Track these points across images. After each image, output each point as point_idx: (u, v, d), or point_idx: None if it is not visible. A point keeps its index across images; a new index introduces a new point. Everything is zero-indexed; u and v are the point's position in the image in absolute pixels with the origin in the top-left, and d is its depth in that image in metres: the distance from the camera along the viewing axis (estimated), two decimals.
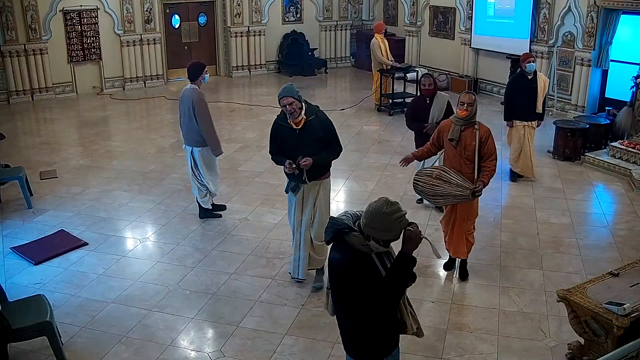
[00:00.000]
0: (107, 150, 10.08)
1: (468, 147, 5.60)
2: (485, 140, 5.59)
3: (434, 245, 3.46)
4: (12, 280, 6.01)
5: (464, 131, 5.62)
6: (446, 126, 5.78)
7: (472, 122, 5.63)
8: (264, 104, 12.92)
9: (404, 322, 3.45)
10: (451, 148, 5.70)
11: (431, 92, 7.20)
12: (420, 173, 5.75)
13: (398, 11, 16.32)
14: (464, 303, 5.64)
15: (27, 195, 7.77)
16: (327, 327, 5.25)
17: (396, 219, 3.12)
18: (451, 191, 5.44)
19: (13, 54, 12.86)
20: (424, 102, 7.27)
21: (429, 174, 5.60)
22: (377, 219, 3.11)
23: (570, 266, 6.29)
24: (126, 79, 14.39)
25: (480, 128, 5.62)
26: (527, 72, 8.17)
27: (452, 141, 5.65)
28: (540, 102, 8.20)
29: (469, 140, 5.60)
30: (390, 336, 3.43)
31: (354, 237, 3.15)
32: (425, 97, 7.27)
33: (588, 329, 4.50)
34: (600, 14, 10.77)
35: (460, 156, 5.65)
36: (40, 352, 4.90)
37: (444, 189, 5.47)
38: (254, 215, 7.50)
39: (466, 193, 5.40)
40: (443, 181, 5.47)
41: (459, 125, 5.64)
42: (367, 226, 3.13)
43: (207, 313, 5.50)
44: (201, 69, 6.92)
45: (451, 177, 5.48)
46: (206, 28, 15.61)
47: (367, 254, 3.19)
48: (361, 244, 3.15)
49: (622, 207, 7.91)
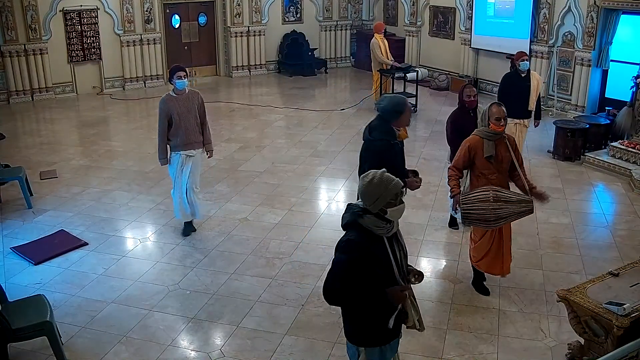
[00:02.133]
0: (107, 150, 10.08)
1: (504, 160, 5.36)
2: (515, 148, 5.44)
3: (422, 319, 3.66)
4: (12, 280, 6.00)
5: (498, 145, 5.35)
6: (477, 143, 5.35)
7: (502, 134, 5.38)
8: (264, 104, 12.93)
9: (406, 312, 3.52)
10: (487, 165, 5.35)
11: (476, 104, 6.52)
12: (469, 201, 5.20)
13: (398, 11, 16.32)
14: (464, 303, 5.64)
15: (27, 195, 7.77)
16: (327, 327, 5.25)
17: (379, 179, 3.31)
18: (514, 210, 5.13)
19: (13, 54, 12.86)
20: (468, 115, 6.47)
21: (482, 199, 5.12)
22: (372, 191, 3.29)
23: (570, 266, 6.29)
24: (126, 79, 14.39)
25: (508, 137, 5.45)
26: (520, 70, 8.19)
27: (490, 158, 5.31)
28: (532, 101, 8.21)
29: (503, 152, 5.35)
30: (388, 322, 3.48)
31: (368, 219, 3.32)
32: (469, 110, 6.50)
33: (588, 329, 4.50)
34: (600, 14, 10.77)
35: (497, 171, 5.36)
36: (40, 352, 4.90)
37: (507, 210, 5.11)
38: (254, 215, 7.50)
39: (530, 206, 5.16)
40: (504, 202, 5.10)
41: (492, 140, 5.32)
42: (372, 203, 3.30)
43: (207, 313, 5.49)
44: (172, 72, 6.53)
45: (509, 195, 5.17)
46: (206, 28, 15.61)
47: (380, 236, 3.34)
48: (375, 226, 3.32)
49: (622, 207, 7.91)
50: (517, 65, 8.18)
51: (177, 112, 6.54)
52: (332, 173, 9.01)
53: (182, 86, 6.54)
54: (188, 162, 6.74)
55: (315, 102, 13.64)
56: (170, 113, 6.54)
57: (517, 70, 8.24)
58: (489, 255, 5.58)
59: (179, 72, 6.50)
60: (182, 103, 6.58)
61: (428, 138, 10.67)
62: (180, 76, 6.49)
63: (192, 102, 6.65)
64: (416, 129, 11.33)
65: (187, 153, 6.69)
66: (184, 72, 6.55)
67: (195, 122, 6.70)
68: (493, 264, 5.60)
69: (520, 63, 8.14)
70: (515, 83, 8.19)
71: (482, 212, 5.12)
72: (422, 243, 6.70)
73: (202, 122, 6.79)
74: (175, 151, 6.68)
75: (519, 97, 8.11)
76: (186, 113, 6.59)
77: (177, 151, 6.67)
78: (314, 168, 9.14)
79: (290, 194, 8.16)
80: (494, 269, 5.66)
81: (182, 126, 6.57)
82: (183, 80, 6.51)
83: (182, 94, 6.59)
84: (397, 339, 3.61)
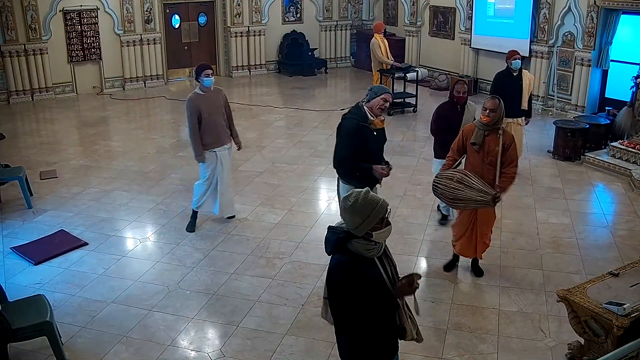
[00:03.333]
0: (107, 150, 10.08)
1: (491, 153, 5.51)
2: (508, 147, 5.51)
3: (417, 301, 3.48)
4: (12, 280, 6.00)
5: (488, 136, 5.52)
6: (470, 130, 5.66)
7: (497, 127, 5.52)
8: (264, 104, 12.93)
9: (404, 327, 3.42)
10: (474, 153, 5.60)
11: (465, 100, 6.80)
12: (440, 176, 5.57)
13: (398, 11, 16.32)
14: (464, 303, 5.64)
15: (27, 195, 7.77)
16: (327, 327, 5.22)
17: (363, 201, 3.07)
18: (472, 196, 5.32)
19: (13, 54, 12.86)
20: (455, 109, 6.77)
21: (450, 177, 5.45)
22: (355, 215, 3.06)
23: (570, 266, 6.29)
24: (126, 79, 14.39)
25: (504, 134, 5.53)
26: (512, 69, 8.21)
27: (474, 145, 5.54)
28: (525, 99, 8.23)
29: (492, 145, 5.50)
30: (389, 343, 3.40)
31: (357, 244, 3.11)
32: (457, 105, 6.79)
33: (588, 329, 4.50)
34: (600, 14, 10.77)
35: (482, 161, 5.56)
36: (40, 352, 4.90)
37: (465, 194, 5.33)
38: (254, 215, 7.50)
39: (487, 199, 5.30)
40: (464, 185, 5.34)
41: (482, 130, 5.54)
42: (356, 228, 3.09)
43: (207, 313, 5.50)
44: (199, 70, 6.71)
45: (473, 182, 5.35)
46: (206, 28, 15.61)
47: (370, 258, 3.18)
48: (364, 249, 3.12)
49: (622, 207, 7.91)
50: (510, 64, 8.22)
51: (206, 109, 6.69)
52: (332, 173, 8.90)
53: (209, 84, 6.69)
54: (225, 158, 6.92)
55: (315, 102, 13.64)
56: (199, 111, 6.66)
57: (509, 69, 8.26)
58: (464, 237, 5.86)
59: (207, 70, 6.67)
60: (209, 100, 6.74)
61: (428, 138, 10.59)
62: (208, 74, 6.66)
63: (218, 99, 6.83)
64: (416, 129, 11.34)
65: (220, 149, 6.86)
66: (211, 70, 6.74)
67: (223, 117, 6.87)
68: (466, 247, 5.90)
69: (512, 62, 8.19)
70: (508, 82, 8.23)
71: (443, 188, 5.45)
72: (422, 243, 6.69)
73: (228, 117, 6.97)
74: (209, 149, 6.79)
75: (511, 96, 8.11)
76: (214, 110, 6.76)
77: (210, 149, 6.80)
78: (314, 168, 9.14)
79: (290, 194, 8.16)
80: (467, 252, 5.95)
81: (212, 123, 6.73)
82: (210, 78, 6.68)
83: (208, 92, 6.75)
84: (397, 356, 3.51)
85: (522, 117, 8.35)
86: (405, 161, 9.37)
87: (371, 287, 3.13)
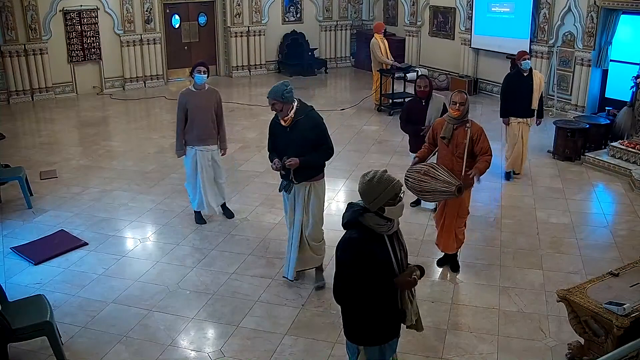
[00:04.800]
0: (107, 150, 10.08)
1: (460, 145, 5.65)
2: (477, 139, 5.63)
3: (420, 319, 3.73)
4: (12, 280, 6.00)
5: (456, 129, 5.68)
6: (439, 124, 5.84)
7: (465, 120, 5.68)
8: (264, 104, 12.83)
9: (404, 311, 3.54)
10: (443, 146, 5.76)
11: (426, 94, 7.16)
12: (411, 169, 5.73)
13: (398, 11, 16.32)
14: (464, 303, 5.64)
15: (27, 195, 7.77)
16: (327, 327, 5.25)
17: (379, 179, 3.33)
18: (437, 187, 5.44)
19: (13, 54, 12.86)
20: (419, 104, 7.23)
21: (418, 170, 5.61)
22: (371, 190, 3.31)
23: (570, 266, 6.29)
24: (126, 79, 14.39)
25: (472, 126, 5.66)
26: (522, 70, 8.22)
27: (444, 139, 5.71)
28: (535, 100, 8.24)
29: (460, 138, 5.64)
30: (390, 323, 3.52)
31: (369, 218, 3.33)
32: (421, 99, 7.23)
33: (588, 329, 4.50)
34: (600, 14, 10.77)
35: (452, 154, 5.71)
36: (40, 352, 4.90)
37: (431, 185, 5.46)
38: (254, 215, 7.50)
39: (451, 189, 5.40)
40: (430, 177, 5.47)
41: (451, 124, 5.70)
42: (371, 202, 3.31)
43: (207, 313, 5.50)
44: (194, 67, 6.82)
45: (438, 173, 5.49)
46: (206, 28, 15.61)
47: (381, 236, 3.36)
48: (376, 224, 3.34)
49: (622, 207, 7.91)
50: (519, 64, 8.22)
51: (194, 106, 6.77)
52: (332, 173, 8.98)
53: (200, 81, 6.79)
54: (204, 158, 6.95)
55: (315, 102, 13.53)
56: (186, 106, 6.75)
57: (519, 70, 8.26)
58: (440, 231, 6.07)
59: (200, 67, 6.80)
60: (200, 98, 6.82)
61: None
62: (200, 71, 6.76)
63: (209, 99, 6.89)
64: None
65: (201, 148, 6.91)
66: (204, 68, 6.82)
67: (211, 118, 6.91)
68: (439, 238, 6.11)
69: (523, 62, 8.19)
70: (518, 83, 8.24)
71: (412, 181, 5.57)
72: (422, 243, 6.69)
73: (218, 119, 7.00)
74: (189, 145, 6.91)
75: (522, 97, 8.16)
76: (202, 108, 6.82)
77: (191, 145, 6.91)
78: None
79: None
80: (439, 243, 6.13)
81: (197, 121, 6.80)
82: (202, 75, 6.76)
83: (202, 90, 6.83)
84: (397, 339, 3.63)
85: (531, 117, 8.36)
86: (405, 161, 9.33)
87: (374, 265, 3.31)
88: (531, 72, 8.26)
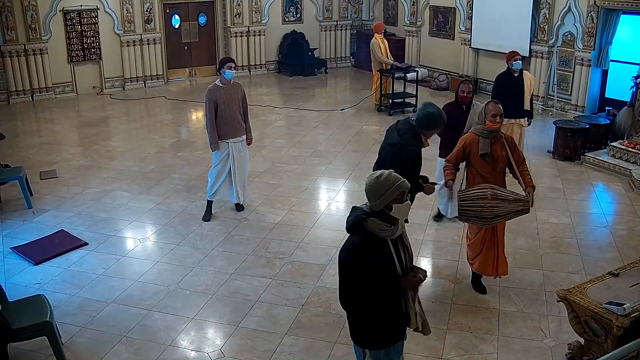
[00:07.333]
0: (107, 150, 10.08)
1: (500, 159, 5.35)
2: (514, 148, 5.42)
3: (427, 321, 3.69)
4: (12, 280, 6.00)
5: (494, 144, 5.35)
6: (473, 141, 5.39)
7: (499, 133, 5.40)
8: (264, 104, 12.92)
9: (408, 315, 3.53)
10: (482, 163, 5.36)
11: (469, 100, 6.81)
12: (466, 198, 5.23)
13: (398, 11, 16.31)
14: (464, 303, 5.64)
15: (27, 195, 7.77)
16: (327, 327, 5.25)
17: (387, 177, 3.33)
18: (512, 208, 5.14)
19: (13, 54, 12.86)
20: (460, 110, 6.78)
21: (481, 196, 5.13)
22: (379, 188, 3.30)
23: (570, 266, 6.29)
24: (126, 79, 14.39)
25: (506, 137, 5.44)
26: (513, 70, 8.23)
27: (485, 156, 5.31)
28: (527, 100, 8.24)
29: (499, 151, 5.35)
30: (394, 327, 3.51)
31: (372, 223, 3.31)
32: (462, 105, 6.81)
33: (588, 329, 4.50)
34: (600, 14, 10.77)
35: (493, 170, 5.36)
36: (40, 352, 4.90)
37: (505, 208, 5.12)
38: (254, 215, 7.50)
39: (527, 206, 5.16)
40: (501, 200, 5.11)
41: (488, 139, 5.33)
42: (377, 199, 3.30)
43: (207, 313, 5.49)
44: (222, 62, 6.96)
45: (506, 194, 5.17)
46: (206, 28, 15.60)
47: (384, 239, 3.34)
48: (379, 229, 3.31)
49: (622, 207, 7.91)
50: (510, 65, 8.24)
51: (223, 101, 6.95)
52: (332, 173, 9.00)
53: (230, 76, 6.92)
54: (237, 149, 7.16)
55: (315, 102, 13.64)
56: (216, 101, 6.91)
57: (509, 70, 8.28)
58: (481, 254, 5.56)
59: (229, 63, 6.93)
60: (227, 93, 7.01)
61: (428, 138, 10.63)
62: (231, 67, 6.91)
63: (235, 93, 7.09)
64: None
65: (233, 141, 7.12)
66: (233, 64, 7.00)
67: (239, 111, 7.13)
68: (485, 264, 5.57)
69: (513, 63, 8.20)
70: (509, 83, 8.24)
71: (479, 210, 5.14)
72: (422, 243, 6.70)
73: (244, 111, 7.22)
74: (222, 139, 7.08)
75: (513, 97, 8.13)
76: (230, 102, 7.02)
77: (224, 139, 7.07)
78: (314, 168, 9.14)
79: (290, 194, 8.16)
80: (487, 270, 5.62)
81: (227, 115, 6.99)
82: (232, 71, 6.91)
83: (227, 85, 6.99)
84: (402, 341, 3.61)
85: (523, 118, 8.36)
86: None
87: (376, 270, 3.29)
88: (521, 72, 8.27)
